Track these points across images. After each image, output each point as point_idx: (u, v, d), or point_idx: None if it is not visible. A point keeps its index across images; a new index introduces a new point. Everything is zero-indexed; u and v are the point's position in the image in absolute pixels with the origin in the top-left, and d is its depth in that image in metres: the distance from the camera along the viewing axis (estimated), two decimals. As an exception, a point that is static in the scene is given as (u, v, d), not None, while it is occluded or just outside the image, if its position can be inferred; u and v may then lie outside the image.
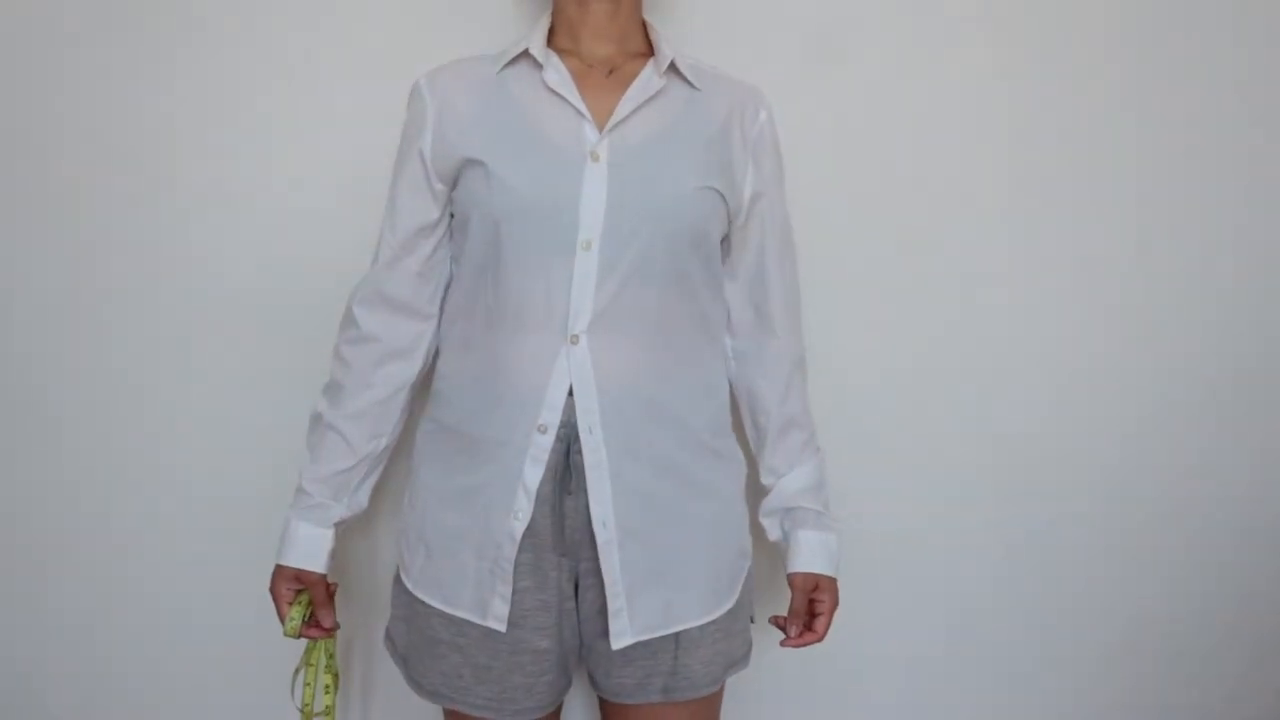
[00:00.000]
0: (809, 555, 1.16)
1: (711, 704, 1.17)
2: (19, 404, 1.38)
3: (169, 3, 1.30)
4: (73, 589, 1.42)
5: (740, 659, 1.18)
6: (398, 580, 1.16)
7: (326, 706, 1.21)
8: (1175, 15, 1.39)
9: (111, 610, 1.43)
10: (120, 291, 1.35)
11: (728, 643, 1.14)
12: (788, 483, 1.19)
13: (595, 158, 1.05)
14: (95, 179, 1.33)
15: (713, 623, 1.12)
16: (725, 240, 1.16)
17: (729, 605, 1.14)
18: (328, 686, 1.21)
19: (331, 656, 1.21)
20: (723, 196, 1.10)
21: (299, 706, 1.21)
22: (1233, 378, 1.48)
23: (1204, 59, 1.40)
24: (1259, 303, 1.46)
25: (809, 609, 1.16)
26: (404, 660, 1.16)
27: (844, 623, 1.46)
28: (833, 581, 1.17)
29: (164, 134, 1.32)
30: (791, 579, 1.17)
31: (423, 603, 1.11)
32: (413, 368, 1.16)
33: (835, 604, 1.16)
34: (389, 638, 1.19)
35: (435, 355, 1.18)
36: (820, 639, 1.15)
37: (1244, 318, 1.47)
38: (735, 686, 1.22)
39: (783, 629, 1.17)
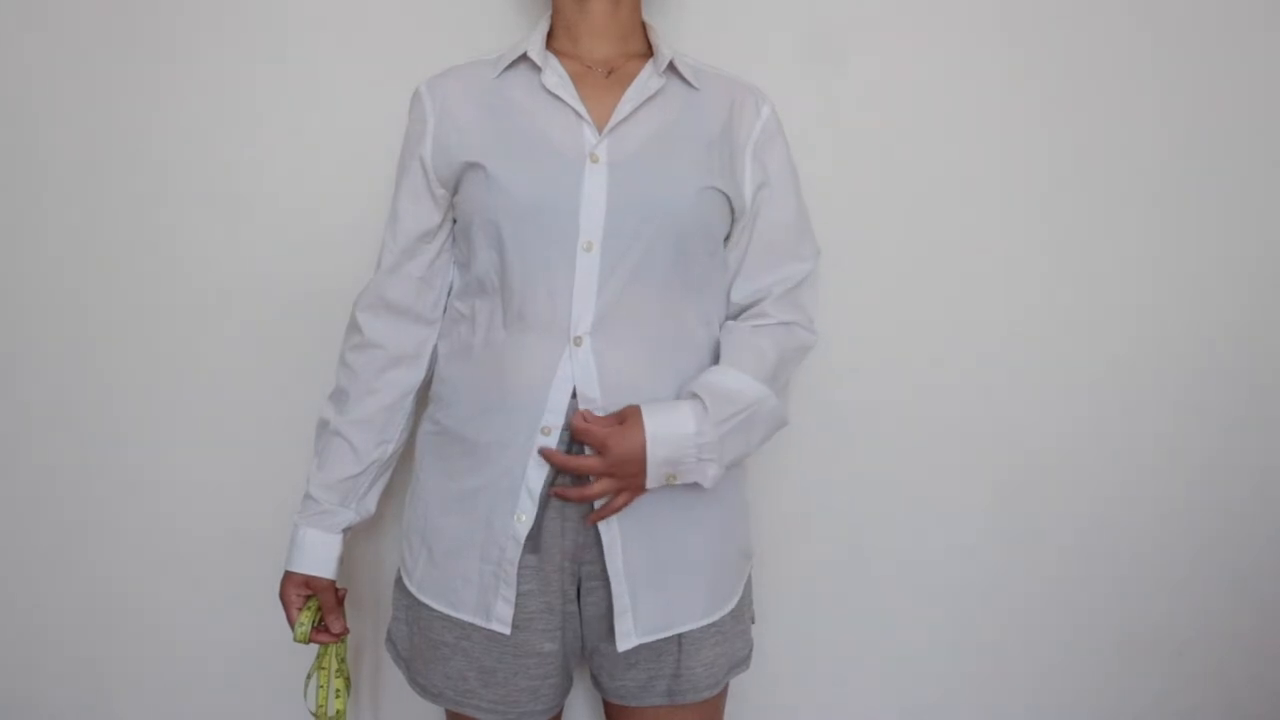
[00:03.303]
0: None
1: (715, 706, 1.16)
2: (19, 405, 1.39)
3: (170, 5, 1.31)
4: (75, 592, 1.43)
5: (742, 660, 1.17)
6: (399, 583, 1.17)
7: (338, 710, 1.21)
8: (1175, 14, 1.36)
9: (116, 614, 1.44)
10: (121, 295, 1.36)
11: (730, 644, 1.14)
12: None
13: (595, 159, 1.04)
14: (96, 182, 1.34)
15: (715, 624, 1.12)
16: (728, 238, 1.15)
17: (731, 606, 1.14)
18: (339, 691, 1.21)
19: (343, 661, 1.21)
20: (726, 196, 1.09)
21: (312, 710, 1.21)
22: (1234, 379, 1.46)
23: (1205, 57, 1.38)
24: (1265, 304, 1.44)
25: (612, 421, 1.02)
26: (407, 663, 1.16)
27: (845, 624, 1.47)
28: (637, 422, 1.00)
29: (165, 138, 1.33)
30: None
31: (426, 606, 1.11)
32: (417, 373, 1.17)
33: (620, 446, 0.99)
34: (390, 640, 1.19)
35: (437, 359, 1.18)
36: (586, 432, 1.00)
37: (1247, 321, 1.44)
38: (736, 688, 1.22)
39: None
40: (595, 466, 1.01)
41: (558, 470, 1.04)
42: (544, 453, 1.03)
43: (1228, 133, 1.40)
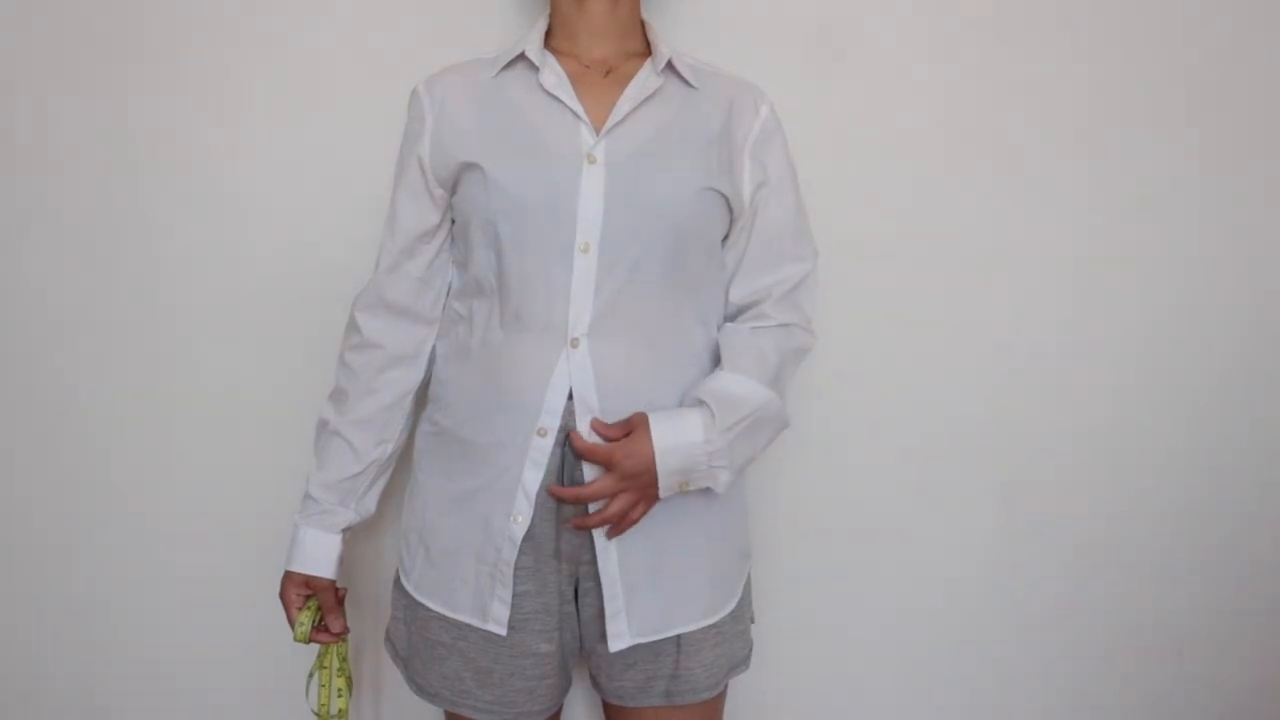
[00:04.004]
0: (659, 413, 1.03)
1: (714, 707, 1.16)
2: (20, 405, 1.39)
3: (170, 4, 1.31)
4: (78, 592, 1.43)
5: (741, 661, 1.17)
6: (398, 582, 1.17)
7: (340, 709, 1.22)
8: (1177, 13, 1.36)
9: (117, 614, 1.44)
10: (122, 294, 1.36)
11: (729, 645, 1.14)
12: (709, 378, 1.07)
13: (592, 160, 1.04)
14: (94, 182, 1.34)
15: (714, 625, 1.11)
16: (726, 237, 1.15)
17: (730, 608, 1.14)
18: (341, 690, 1.22)
19: (344, 660, 1.22)
20: (724, 197, 1.09)
21: (314, 710, 1.22)
22: (1235, 379, 1.45)
23: (1207, 57, 1.37)
24: (1266, 305, 1.44)
25: (619, 430, 1.03)
26: (405, 662, 1.17)
27: (845, 624, 1.47)
28: (644, 433, 1.01)
29: (164, 138, 1.33)
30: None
31: (423, 606, 1.11)
32: (416, 373, 1.17)
33: (629, 460, 1.00)
34: (389, 640, 1.19)
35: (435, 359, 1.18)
36: (589, 450, 1.01)
37: (1249, 321, 1.44)
38: (736, 688, 1.22)
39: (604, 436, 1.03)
40: (607, 489, 1.01)
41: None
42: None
43: (1232, 133, 1.39)
